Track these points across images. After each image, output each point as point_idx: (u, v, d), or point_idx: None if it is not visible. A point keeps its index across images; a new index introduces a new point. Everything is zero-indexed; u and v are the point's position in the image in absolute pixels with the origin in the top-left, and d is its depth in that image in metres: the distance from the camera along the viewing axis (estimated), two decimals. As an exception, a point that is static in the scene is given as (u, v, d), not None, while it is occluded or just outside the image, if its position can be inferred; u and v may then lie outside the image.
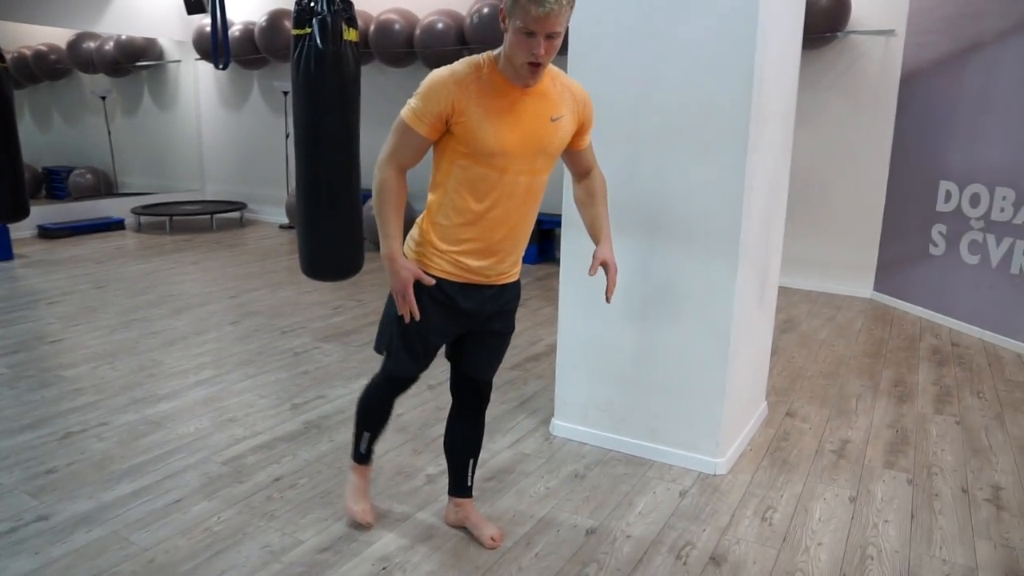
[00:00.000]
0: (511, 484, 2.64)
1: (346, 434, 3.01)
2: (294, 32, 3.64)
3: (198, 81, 8.70)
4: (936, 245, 4.86)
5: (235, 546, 2.22)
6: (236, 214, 8.35)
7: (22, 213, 5.65)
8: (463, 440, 2.28)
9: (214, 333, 4.30)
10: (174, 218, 7.92)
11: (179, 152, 9.01)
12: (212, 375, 3.63)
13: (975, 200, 4.56)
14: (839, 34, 5.10)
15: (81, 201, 8.21)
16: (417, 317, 1.96)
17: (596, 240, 2.11)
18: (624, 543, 2.30)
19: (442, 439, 2.35)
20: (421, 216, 2.00)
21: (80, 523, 2.33)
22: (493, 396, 3.38)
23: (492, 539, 2.26)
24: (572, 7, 1.72)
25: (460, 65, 1.84)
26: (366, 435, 2.28)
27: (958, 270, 4.69)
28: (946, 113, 4.78)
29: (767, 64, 2.50)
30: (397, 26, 6.68)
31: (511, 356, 3.97)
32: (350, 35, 3.68)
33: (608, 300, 2.07)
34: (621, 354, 2.84)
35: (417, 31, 6.57)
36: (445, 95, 1.80)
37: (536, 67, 1.76)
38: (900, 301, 5.16)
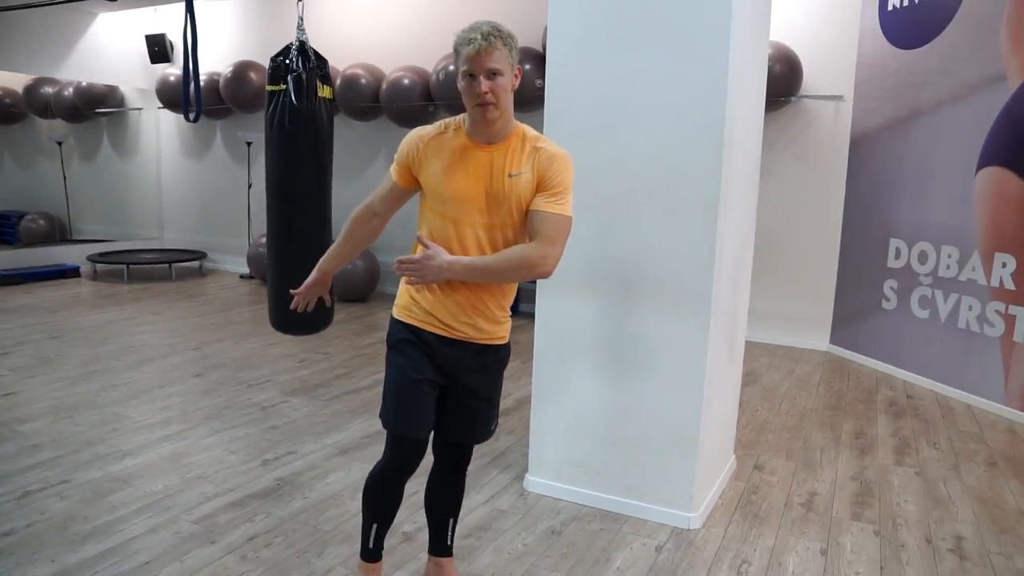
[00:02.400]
0: (488, 541, 2.63)
1: (320, 490, 2.97)
2: (269, 88, 3.69)
3: (160, 129, 8.65)
4: (888, 300, 5.06)
5: (210, 610, 2.17)
6: (196, 263, 8.23)
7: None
8: (444, 500, 2.27)
9: (179, 386, 4.21)
10: (132, 266, 7.77)
11: (138, 199, 8.91)
12: (178, 430, 3.55)
13: (923, 257, 4.78)
14: (792, 99, 5.36)
15: (33, 247, 8.01)
16: (301, 308, 2.26)
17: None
18: (604, 600, 2.31)
19: (420, 496, 2.33)
20: None
21: (45, 588, 2.25)
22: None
23: None
24: (509, 48, 1.86)
25: (432, 124, 2.01)
26: (375, 527, 2.13)
27: (910, 324, 4.89)
28: (894, 174, 5.03)
29: (735, 130, 2.63)
30: (364, 80, 6.79)
31: (482, 409, 3.97)
32: (324, 92, 3.75)
33: (398, 266, 1.97)
34: (596, 410, 2.88)
35: (384, 86, 6.68)
36: (410, 146, 2.00)
37: (484, 107, 1.85)
38: (855, 354, 5.33)
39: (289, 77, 3.64)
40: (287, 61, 3.66)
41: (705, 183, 2.58)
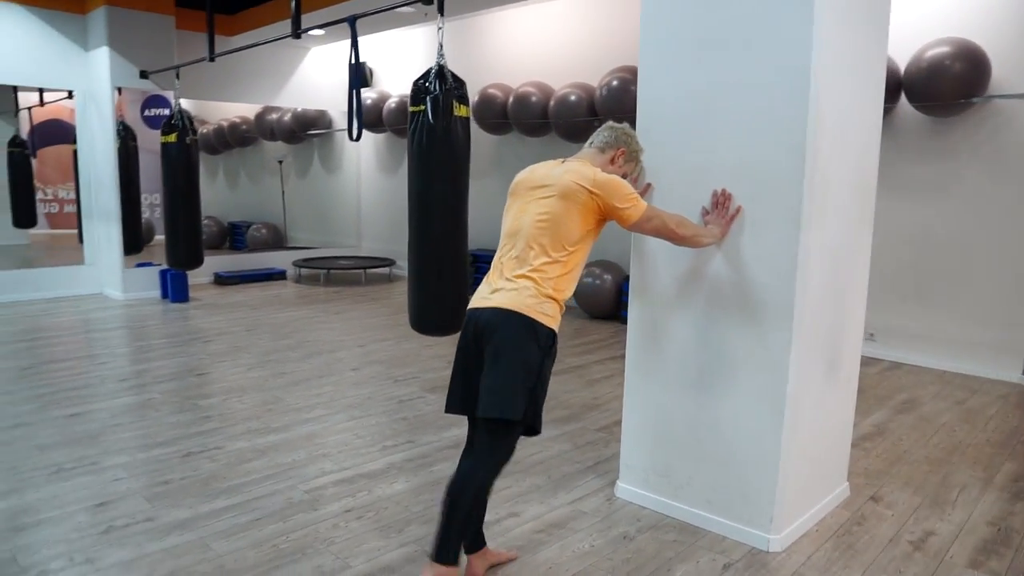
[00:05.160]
0: (558, 538, 2.72)
1: (423, 477, 3.23)
2: (411, 109, 4.05)
3: (360, 148, 9.61)
4: (1092, 328, 4.38)
5: (293, 563, 2.49)
6: (386, 270, 9.03)
7: (197, 262, 6.54)
8: None
9: (335, 377, 4.73)
10: (331, 271, 8.71)
11: (340, 211, 9.97)
12: (321, 414, 4.01)
13: None
14: (976, 100, 4.83)
15: (254, 252, 9.26)
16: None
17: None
18: (652, 607, 2.31)
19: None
20: (534, 282, 2.29)
21: (176, 527, 2.71)
22: (568, 455, 3.50)
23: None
24: None
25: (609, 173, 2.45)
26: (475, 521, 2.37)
27: (1116, 358, 4.20)
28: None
29: (823, 139, 2.51)
30: (534, 98, 7.09)
31: (599, 418, 4.05)
32: (460, 111, 4.04)
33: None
34: (680, 421, 2.87)
35: (552, 102, 6.93)
36: None
37: None
38: (1052, 389, 4.67)
39: (427, 98, 3.98)
40: (426, 84, 3.99)
41: (787, 195, 2.49)
